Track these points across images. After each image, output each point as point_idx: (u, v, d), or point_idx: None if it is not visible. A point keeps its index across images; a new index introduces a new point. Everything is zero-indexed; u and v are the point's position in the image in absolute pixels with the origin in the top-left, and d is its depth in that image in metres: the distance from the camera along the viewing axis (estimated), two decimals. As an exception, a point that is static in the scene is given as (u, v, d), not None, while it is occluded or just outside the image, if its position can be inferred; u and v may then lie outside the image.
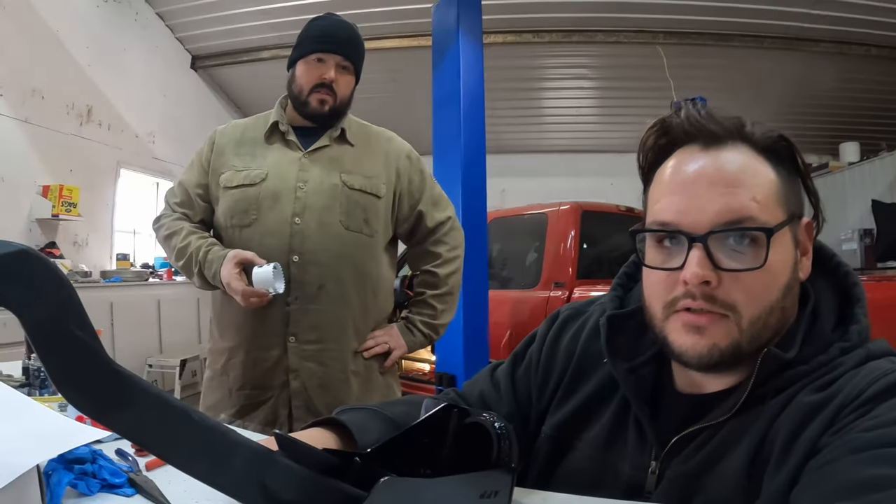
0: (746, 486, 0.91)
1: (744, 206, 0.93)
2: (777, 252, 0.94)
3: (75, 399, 0.66)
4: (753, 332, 0.94)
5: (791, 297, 0.98)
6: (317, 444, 0.91)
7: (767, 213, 0.94)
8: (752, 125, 0.99)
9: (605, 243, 6.09)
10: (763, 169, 0.96)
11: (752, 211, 0.93)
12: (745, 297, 0.94)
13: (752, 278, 0.93)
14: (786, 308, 0.97)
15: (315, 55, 2.19)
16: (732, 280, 0.93)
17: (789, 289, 0.97)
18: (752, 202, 0.94)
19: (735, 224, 0.93)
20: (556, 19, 7.83)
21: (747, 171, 0.96)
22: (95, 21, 7.47)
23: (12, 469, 0.77)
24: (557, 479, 1.17)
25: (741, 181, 0.95)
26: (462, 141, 5.06)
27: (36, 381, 1.81)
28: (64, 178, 6.90)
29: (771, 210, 0.94)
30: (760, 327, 0.94)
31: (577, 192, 8.95)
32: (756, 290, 0.94)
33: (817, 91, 8.48)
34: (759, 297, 0.94)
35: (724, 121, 0.99)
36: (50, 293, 0.63)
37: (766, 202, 0.94)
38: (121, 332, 6.76)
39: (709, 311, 0.94)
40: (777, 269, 0.95)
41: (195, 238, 2.20)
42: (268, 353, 2.14)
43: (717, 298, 0.94)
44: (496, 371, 1.37)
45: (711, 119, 0.99)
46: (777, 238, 0.94)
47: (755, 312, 0.94)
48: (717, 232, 0.93)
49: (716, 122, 0.99)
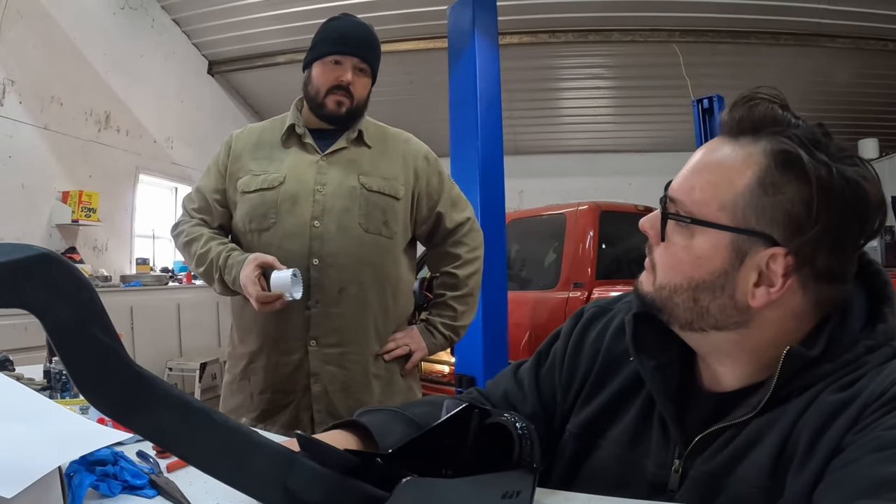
0: (770, 485, 0.90)
1: (682, 188, 1.01)
2: (695, 245, 0.98)
3: (97, 401, 0.66)
4: (662, 296, 1.03)
5: (710, 298, 0.98)
6: (338, 446, 0.91)
7: (697, 206, 0.98)
8: (786, 129, 0.95)
9: (624, 243, 6.05)
10: (738, 175, 0.95)
11: (680, 195, 1.00)
12: (660, 262, 1.04)
13: (667, 250, 1.02)
14: (699, 301, 0.99)
15: (332, 57, 2.18)
16: (663, 244, 1.03)
17: (705, 287, 0.98)
18: (691, 190, 0.99)
19: (665, 198, 1.03)
20: (571, 19, 7.81)
21: (718, 166, 0.98)
22: (112, 28, 7.52)
23: (35, 471, 0.77)
24: (581, 477, 1.16)
25: (703, 170, 1.00)
26: (479, 142, 5.05)
27: (57, 384, 1.81)
28: (83, 183, 6.97)
29: (705, 206, 0.97)
30: (666, 296, 1.02)
31: (595, 192, 8.97)
32: (666, 261, 1.03)
33: (835, 87, 8.40)
34: (666, 268, 1.02)
35: (748, 119, 0.97)
36: (71, 295, 0.63)
37: (704, 198, 0.97)
38: (141, 336, 6.81)
39: (648, 260, 1.07)
40: (685, 258, 0.99)
41: (215, 244, 2.19)
42: (289, 357, 2.13)
43: (652, 252, 1.06)
44: (520, 369, 1.36)
45: (747, 116, 0.98)
46: (704, 234, 0.97)
47: (662, 280, 1.03)
48: (662, 199, 1.03)
49: (746, 118, 0.98)
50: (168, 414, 0.70)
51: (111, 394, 0.66)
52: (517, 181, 8.60)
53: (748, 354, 1.00)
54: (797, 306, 0.96)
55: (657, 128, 9.92)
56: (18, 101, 6.26)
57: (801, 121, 0.96)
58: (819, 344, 0.93)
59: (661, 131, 9.96)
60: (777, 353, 0.94)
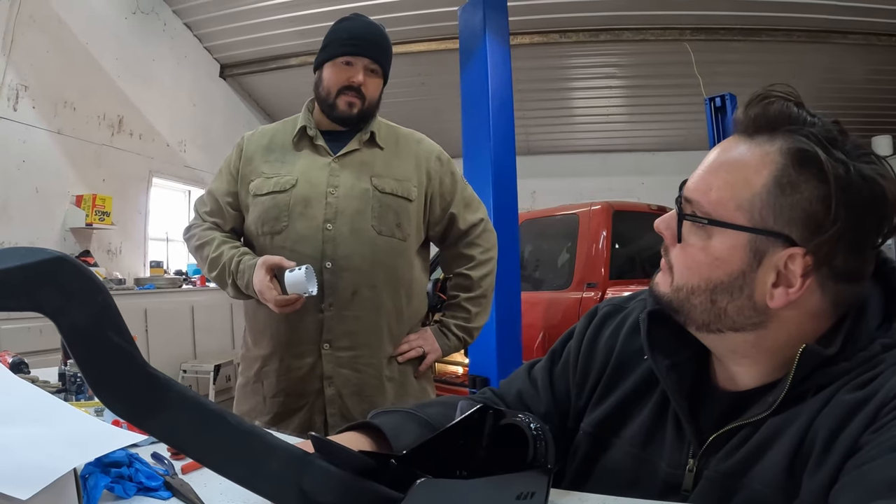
0: (786, 485, 0.89)
1: (698, 188, 1.00)
2: (712, 246, 0.98)
3: (112, 402, 0.66)
4: (679, 297, 1.02)
5: (728, 299, 0.97)
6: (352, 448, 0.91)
7: (713, 207, 0.97)
8: (802, 127, 0.94)
9: (637, 243, 6.05)
10: (755, 174, 0.94)
11: (696, 196, 0.99)
12: (677, 263, 1.03)
13: (683, 251, 1.01)
14: (717, 303, 0.98)
15: (343, 58, 2.17)
16: (679, 245, 1.02)
17: (722, 288, 0.97)
18: (708, 190, 0.98)
19: (681, 199, 1.02)
20: (582, 18, 7.79)
21: (734, 166, 0.97)
22: (124, 33, 7.56)
23: (50, 472, 0.78)
24: (595, 476, 1.16)
25: (719, 170, 0.99)
26: (492, 143, 5.04)
27: (72, 386, 1.82)
28: (97, 187, 7.01)
29: (722, 206, 0.96)
30: (684, 298, 1.01)
31: (608, 191, 8.94)
32: (683, 262, 1.02)
33: (847, 84, 8.35)
34: (683, 270, 1.02)
35: (764, 118, 0.97)
36: (86, 298, 0.63)
37: (721, 198, 0.96)
38: (155, 339, 6.83)
39: (664, 261, 1.06)
40: (702, 259, 0.99)
41: (227, 248, 2.19)
42: (302, 360, 2.13)
43: (668, 253, 1.05)
44: (534, 369, 1.36)
45: (762, 114, 0.97)
46: (721, 234, 0.96)
47: (679, 281, 1.02)
48: (677, 199, 1.03)
49: (761, 117, 0.97)
50: (183, 416, 0.70)
51: (126, 395, 0.67)
52: (530, 181, 8.60)
53: (765, 355, 0.99)
54: (815, 306, 0.95)
55: (670, 127, 9.89)
56: (32, 106, 6.30)
57: (817, 118, 0.95)
58: (835, 343, 0.93)
59: (673, 130, 9.93)
60: (793, 351, 0.93)
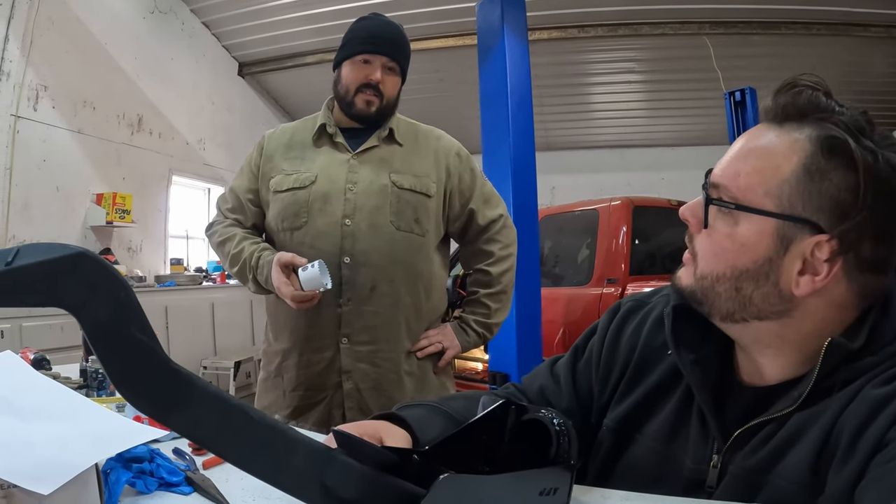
0: (812, 481, 0.88)
1: (726, 174, 0.99)
2: (739, 232, 0.97)
3: (134, 398, 0.66)
4: (704, 286, 1.01)
5: (753, 287, 0.96)
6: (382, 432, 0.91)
7: (742, 192, 0.96)
8: (831, 115, 0.93)
9: (657, 238, 6.02)
10: (784, 161, 0.93)
11: (724, 181, 0.98)
12: (702, 250, 1.02)
13: (709, 237, 1.01)
14: (742, 290, 0.97)
15: (361, 56, 2.18)
16: (705, 231, 1.01)
17: (748, 275, 0.97)
18: (736, 176, 0.97)
19: (708, 185, 1.01)
20: (600, 13, 7.75)
21: (764, 153, 0.96)
22: (143, 32, 7.61)
23: (72, 468, 0.78)
24: (618, 472, 1.15)
25: (748, 156, 0.98)
26: (511, 139, 5.02)
27: (94, 382, 1.83)
28: (117, 185, 7.06)
29: (751, 192, 0.95)
30: (708, 286, 1.00)
31: (627, 187, 8.91)
32: (708, 249, 1.01)
33: (868, 77, 8.25)
34: (709, 256, 1.01)
35: (793, 106, 0.96)
36: (108, 294, 0.64)
37: (749, 184, 0.95)
38: (176, 336, 6.89)
39: (687, 250, 1.06)
40: (729, 246, 0.98)
41: (248, 244, 2.22)
42: (321, 354, 2.15)
43: (693, 242, 1.05)
44: (556, 364, 1.36)
45: (792, 102, 0.96)
46: (748, 221, 0.96)
47: (704, 269, 1.01)
48: (704, 185, 1.02)
49: (791, 105, 0.96)
50: (205, 411, 0.70)
51: (148, 391, 0.67)
52: (549, 177, 8.56)
53: (790, 345, 0.98)
54: (840, 296, 0.94)
55: (689, 121, 9.83)
56: (52, 105, 6.34)
57: (846, 108, 0.94)
58: (861, 336, 0.92)
59: (693, 125, 9.86)
60: (819, 344, 0.92)
